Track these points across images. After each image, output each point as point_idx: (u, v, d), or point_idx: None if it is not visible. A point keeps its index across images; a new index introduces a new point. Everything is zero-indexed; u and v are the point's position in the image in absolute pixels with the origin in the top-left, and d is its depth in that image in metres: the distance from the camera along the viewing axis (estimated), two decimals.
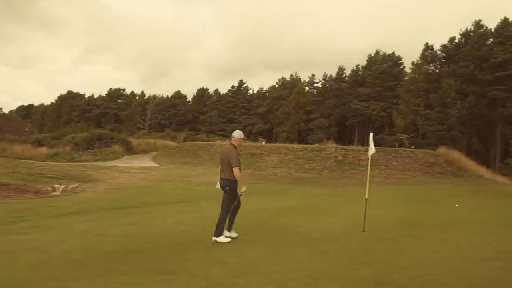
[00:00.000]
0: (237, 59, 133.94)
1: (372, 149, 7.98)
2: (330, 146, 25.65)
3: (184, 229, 7.18)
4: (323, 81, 68.80)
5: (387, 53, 62.22)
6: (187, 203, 11.29)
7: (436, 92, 48.08)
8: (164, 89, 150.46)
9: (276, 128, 68.89)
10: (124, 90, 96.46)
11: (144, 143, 41.52)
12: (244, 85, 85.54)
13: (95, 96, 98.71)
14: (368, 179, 8.06)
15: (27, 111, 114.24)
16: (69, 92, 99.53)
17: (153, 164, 26.84)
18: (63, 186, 14.14)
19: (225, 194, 6.27)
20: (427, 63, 54.86)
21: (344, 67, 68.07)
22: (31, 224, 7.35)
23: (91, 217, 8.30)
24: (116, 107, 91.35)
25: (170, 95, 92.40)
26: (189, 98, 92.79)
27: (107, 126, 78.43)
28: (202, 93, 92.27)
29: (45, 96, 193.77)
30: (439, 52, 54.55)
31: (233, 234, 6.44)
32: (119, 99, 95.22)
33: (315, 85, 71.48)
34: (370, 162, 8.16)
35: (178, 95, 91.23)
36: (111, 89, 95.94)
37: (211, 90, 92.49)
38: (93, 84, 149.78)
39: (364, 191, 7.92)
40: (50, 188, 13.79)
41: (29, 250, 5.36)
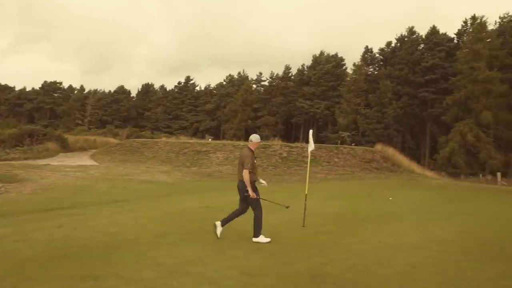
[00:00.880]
0: (184, 55, 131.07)
1: (311, 146, 8.18)
2: (276, 143, 26.08)
3: (118, 230, 6.79)
4: (270, 80, 69.80)
5: (330, 54, 64.80)
6: (125, 202, 10.76)
7: (374, 92, 51.04)
8: (106, 83, 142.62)
9: (224, 125, 68.62)
10: (61, 83, 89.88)
11: (83, 140, 39.15)
12: (191, 82, 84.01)
13: (28, 89, 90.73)
14: (308, 175, 8.25)
15: None
16: None
17: (91, 163, 25.31)
18: None
19: (247, 196, 6.28)
20: (367, 65, 57.99)
21: (290, 66, 69.65)
22: None
23: (13, 220, 7.56)
24: (52, 102, 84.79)
25: (112, 90, 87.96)
26: (134, 94, 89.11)
27: (41, 122, 72.53)
28: (147, 88, 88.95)
29: None
30: (378, 55, 58.00)
31: (219, 230, 6.31)
32: (55, 93, 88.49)
33: (262, 83, 72.30)
34: (309, 159, 8.34)
35: (122, 90, 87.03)
36: (46, 82, 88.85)
37: (157, 86, 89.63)
38: (26, 76, 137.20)
39: (307, 187, 8.11)
40: None
41: None
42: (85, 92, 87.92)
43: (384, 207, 11.11)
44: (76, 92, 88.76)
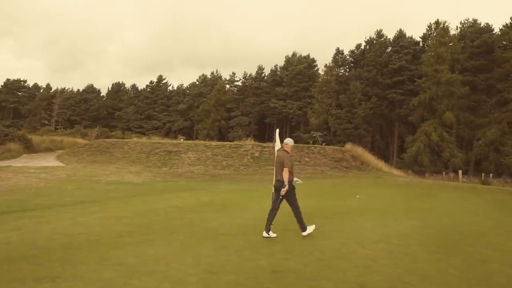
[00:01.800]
0: (157, 53, 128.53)
1: (278, 145, 8.29)
2: (248, 143, 26.20)
3: (81, 231, 6.64)
4: (243, 80, 69.91)
5: (303, 55, 65.74)
6: (91, 203, 10.49)
7: (345, 93, 52.28)
8: (75, 82, 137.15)
9: (197, 125, 68.06)
10: (25, 81, 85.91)
11: (48, 141, 37.78)
12: (164, 81, 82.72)
13: None
14: (275, 173, 8.37)
15: None
16: None
17: (57, 164, 24.45)
18: None
19: (288, 195, 6.62)
20: (338, 66, 59.29)
21: (263, 66, 70.06)
22: None
23: None
24: (16, 101, 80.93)
25: (81, 89, 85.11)
26: (104, 93, 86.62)
27: (4, 122, 69.08)
28: (118, 88, 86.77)
29: None
30: (348, 57, 59.43)
31: (272, 235, 6.55)
32: (19, 92, 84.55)
33: (236, 83, 72.29)
34: (276, 157, 8.45)
35: (91, 89, 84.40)
36: (8, 80, 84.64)
37: (128, 85, 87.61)
38: None
39: None
40: None
41: None
42: (52, 91, 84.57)
43: (350, 205, 11.43)
44: (42, 90, 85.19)
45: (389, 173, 25.80)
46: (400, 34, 54.34)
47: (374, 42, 55.18)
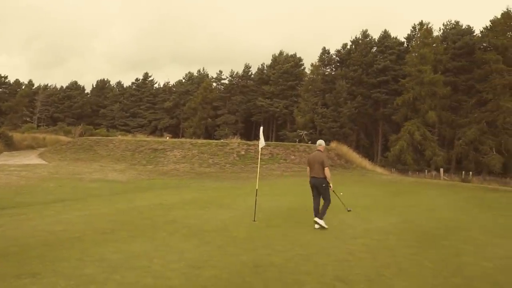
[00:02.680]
0: (143, 51, 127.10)
1: (262, 143, 8.40)
2: (234, 141, 26.22)
3: (63, 228, 6.59)
4: (230, 78, 69.79)
5: (289, 54, 65.97)
6: (73, 201, 10.37)
7: (331, 92, 52.78)
8: (59, 78, 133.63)
9: (183, 123, 67.63)
10: (6, 77, 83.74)
11: (30, 138, 36.98)
12: (150, 79, 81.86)
13: None
14: (259, 171, 8.47)
15: None
16: None
17: (39, 161, 23.99)
18: None
19: (320, 189, 7.50)
20: (324, 65, 59.80)
21: (250, 65, 70.06)
22: None
23: None
24: None
25: (65, 86, 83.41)
26: (88, 90, 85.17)
27: None
28: (103, 85, 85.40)
29: None
30: (334, 56, 59.98)
31: (321, 222, 7.33)
32: (0, 88, 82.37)
33: (222, 81, 72.13)
34: (260, 155, 8.56)
35: (75, 86, 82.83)
36: None
37: (113, 82, 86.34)
38: None
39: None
40: None
41: None
42: (34, 87, 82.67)
43: (333, 202, 11.56)
44: (24, 87, 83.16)
45: (373, 171, 26.22)
46: (385, 35, 55.14)
47: (360, 42, 55.83)
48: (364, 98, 51.51)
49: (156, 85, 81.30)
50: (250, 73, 69.50)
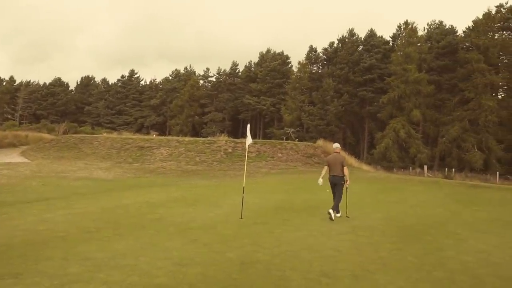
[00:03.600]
0: (129, 47, 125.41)
1: (249, 140, 8.41)
2: (221, 139, 26.15)
3: (46, 227, 6.48)
4: (217, 76, 69.47)
5: (277, 51, 66.02)
6: (57, 200, 10.19)
7: (318, 90, 53.10)
8: (42, 75, 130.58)
9: (170, 121, 67.08)
10: None
11: (12, 136, 36.07)
12: (136, 76, 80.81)
13: None
14: (246, 168, 8.49)
15: None
16: None
17: (21, 160, 23.47)
18: None
19: (338, 186, 8.44)
20: (311, 63, 60.09)
21: (237, 62, 69.88)
22: None
23: None
24: None
25: (48, 82, 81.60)
26: (72, 87, 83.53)
27: None
28: (88, 81, 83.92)
29: None
30: (321, 55, 60.32)
31: (338, 214, 8.26)
32: None
33: (210, 79, 71.73)
34: (247, 152, 8.57)
35: (58, 83, 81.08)
36: None
37: (98, 79, 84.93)
38: None
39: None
40: None
41: None
42: (15, 83, 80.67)
43: (320, 199, 11.68)
44: (4, 83, 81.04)
45: (359, 168, 26.52)
46: (371, 34, 55.71)
47: (346, 40, 56.27)
48: (350, 96, 52.01)
49: (142, 82, 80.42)
50: (238, 70, 69.34)
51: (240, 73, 68.87)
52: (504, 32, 44.33)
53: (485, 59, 40.08)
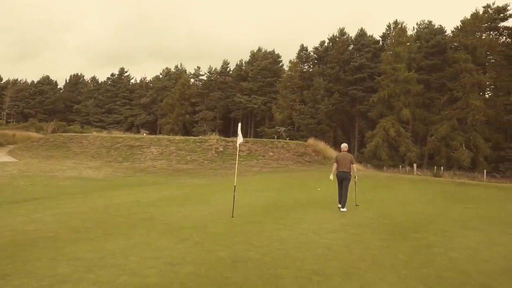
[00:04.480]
0: (119, 45, 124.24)
1: (240, 139, 8.41)
2: (212, 138, 26.08)
3: (35, 228, 6.39)
4: (208, 74, 69.22)
5: (268, 50, 66.05)
6: (46, 200, 10.06)
7: (308, 89, 53.28)
8: (30, 73, 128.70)
9: (160, 119, 66.65)
10: None
11: None
12: (126, 74, 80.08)
13: None
14: (237, 167, 8.48)
15: None
16: None
17: (8, 159, 23.07)
18: None
19: (345, 181, 9.30)
20: (302, 62, 60.25)
21: (228, 61, 69.69)
22: None
23: None
24: None
25: (36, 81, 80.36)
26: (61, 85, 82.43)
27: None
28: (77, 80, 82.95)
29: None
30: (312, 54, 60.51)
31: (343, 209, 9.14)
32: None
33: (201, 77, 71.42)
34: (238, 151, 8.57)
35: (47, 81, 79.94)
36: None
37: (88, 77, 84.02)
38: None
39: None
40: None
41: None
42: (2, 82, 79.27)
43: (311, 197, 11.77)
44: None
45: None
46: (362, 33, 56.06)
47: (337, 40, 56.55)
48: (341, 95, 52.29)
49: (132, 81, 79.82)
50: (229, 69, 69.18)
51: (231, 72, 68.72)
52: (491, 32, 45.04)
53: (472, 59, 40.69)
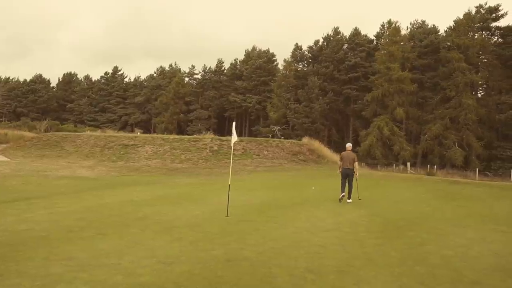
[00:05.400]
0: (113, 43, 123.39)
1: (234, 138, 8.41)
2: (206, 137, 26.03)
3: (27, 227, 6.34)
4: (203, 73, 69.01)
5: (262, 49, 66.03)
6: (39, 199, 9.95)
7: (303, 88, 53.37)
8: (22, 71, 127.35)
9: (155, 118, 66.35)
10: None
11: None
12: (120, 72, 79.57)
13: None
14: (231, 166, 8.48)
15: None
16: None
17: (1, 158, 22.83)
18: None
19: (349, 176, 10.47)
20: (296, 61, 60.31)
21: (223, 60, 69.50)
22: None
23: None
24: None
25: (28, 79, 79.53)
26: (54, 84, 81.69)
27: None
28: (70, 78, 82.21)
29: None
30: (306, 53, 60.59)
31: (349, 200, 10.33)
32: None
33: (195, 76, 71.17)
34: (232, 150, 8.56)
35: (40, 79, 79.11)
36: None
37: (81, 75, 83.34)
38: None
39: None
40: None
41: None
42: None
43: (305, 196, 11.82)
44: None
45: None
46: (356, 32, 56.24)
47: (331, 39, 56.68)
48: (335, 94, 52.45)
49: (126, 79, 79.28)
50: (223, 68, 69.01)
51: (225, 71, 68.55)
52: (483, 32, 45.47)
53: (465, 58, 41.05)
